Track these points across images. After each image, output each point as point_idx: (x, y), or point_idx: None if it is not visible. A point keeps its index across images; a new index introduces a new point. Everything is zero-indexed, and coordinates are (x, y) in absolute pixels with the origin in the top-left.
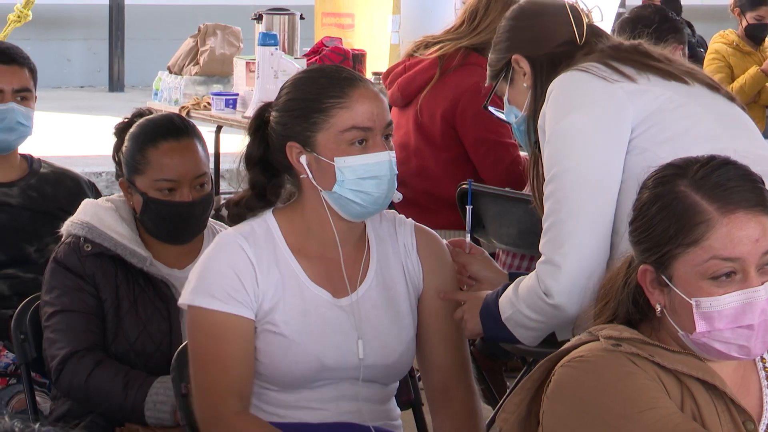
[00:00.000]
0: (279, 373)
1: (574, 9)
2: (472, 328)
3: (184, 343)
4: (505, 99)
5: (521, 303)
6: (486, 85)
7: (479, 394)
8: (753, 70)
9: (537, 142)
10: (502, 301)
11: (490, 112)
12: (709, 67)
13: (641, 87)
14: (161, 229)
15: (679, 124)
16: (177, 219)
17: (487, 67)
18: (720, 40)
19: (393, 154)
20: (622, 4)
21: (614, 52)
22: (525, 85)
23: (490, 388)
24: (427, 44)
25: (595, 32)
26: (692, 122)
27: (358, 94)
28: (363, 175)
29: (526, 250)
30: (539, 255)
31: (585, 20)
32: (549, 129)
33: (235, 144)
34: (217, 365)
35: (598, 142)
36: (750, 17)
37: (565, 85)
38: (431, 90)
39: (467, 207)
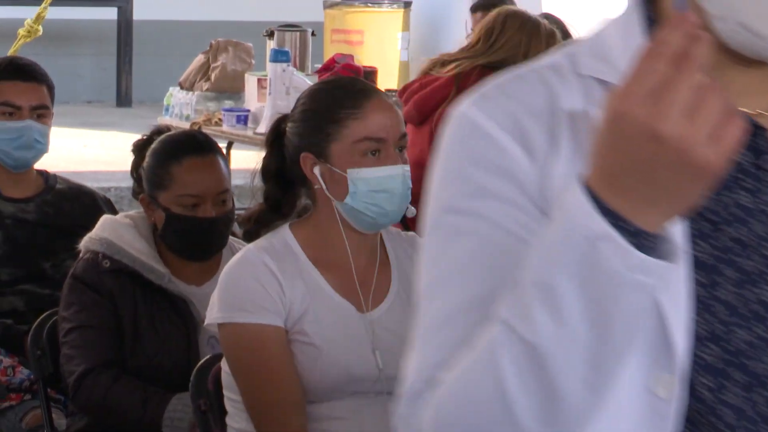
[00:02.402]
0: (308, 383)
1: None
2: None
3: (203, 360)
4: None
5: None
6: None
7: None
8: None
9: None
10: None
11: None
12: None
13: None
14: (184, 245)
15: None
16: (200, 235)
17: None
18: None
19: (407, 168)
20: None
21: None
22: None
23: None
24: (443, 62)
25: None
26: None
27: (372, 105)
28: (375, 188)
29: None
30: None
31: None
32: None
33: (246, 160)
34: (268, 378)
35: None
36: None
37: None
38: (447, 108)
39: None
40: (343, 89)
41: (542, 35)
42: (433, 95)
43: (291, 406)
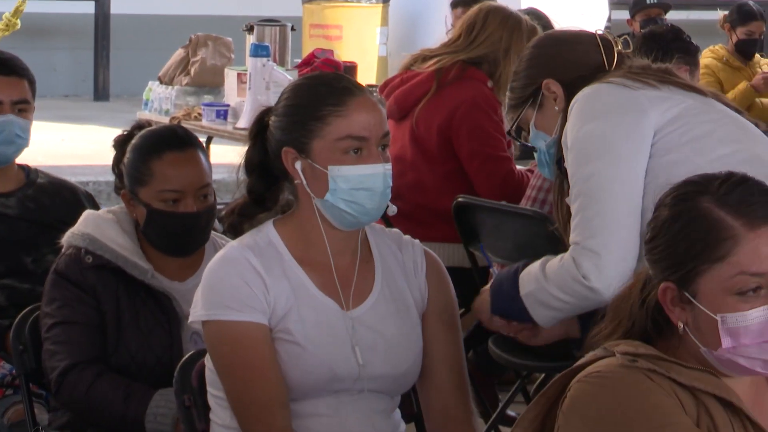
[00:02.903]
0: (291, 382)
1: (603, 37)
2: (478, 306)
3: (187, 356)
4: (531, 125)
5: (550, 283)
6: (506, 113)
7: (477, 413)
8: (742, 85)
9: (560, 160)
10: (525, 276)
11: (514, 138)
12: (699, 82)
13: (663, 94)
14: (166, 240)
15: (703, 127)
16: (182, 230)
17: (509, 96)
18: (710, 55)
19: (388, 166)
20: (608, 19)
21: (640, 70)
22: (556, 108)
23: (482, 401)
24: (424, 57)
25: (625, 58)
26: (715, 126)
27: (356, 103)
28: (356, 186)
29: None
30: None
31: (615, 48)
32: (571, 137)
33: (226, 155)
34: (253, 376)
35: (620, 146)
36: (740, 32)
37: (586, 97)
38: (428, 103)
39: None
40: (327, 85)
41: (524, 31)
42: (413, 91)
43: (275, 403)
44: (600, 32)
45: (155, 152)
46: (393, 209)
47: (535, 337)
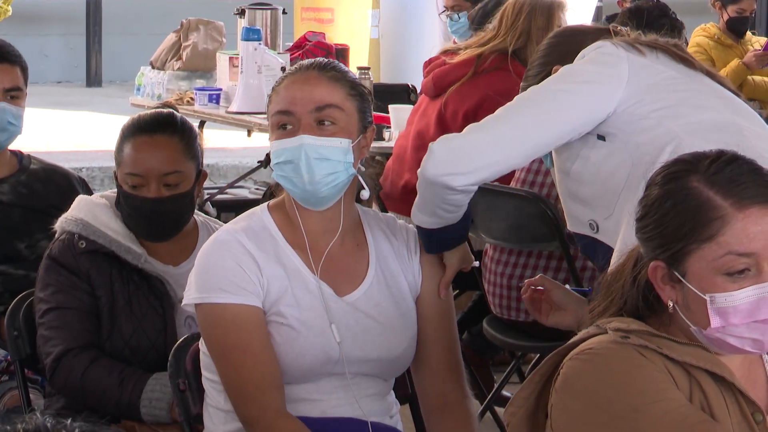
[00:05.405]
0: (285, 365)
1: (617, 31)
2: None
3: (180, 340)
4: None
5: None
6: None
7: (471, 395)
8: (734, 63)
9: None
10: None
11: None
12: None
13: (647, 61)
14: (132, 222)
15: (677, 95)
16: (143, 214)
17: (522, 87)
18: (701, 34)
19: (309, 137)
20: None
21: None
22: None
23: (477, 382)
24: (467, 47)
25: None
26: (691, 95)
27: (289, 80)
28: (278, 161)
29: (514, 244)
30: (528, 250)
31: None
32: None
33: (218, 139)
34: (245, 359)
35: (579, 87)
36: (731, 10)
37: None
38: (461, 87)
39: None
40: (293, 69)
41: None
42: (451, 72)
43: (269, 385)
44: (614, 27)
45: (129, 135)
46: (365, 194)
47: (541, 315)
